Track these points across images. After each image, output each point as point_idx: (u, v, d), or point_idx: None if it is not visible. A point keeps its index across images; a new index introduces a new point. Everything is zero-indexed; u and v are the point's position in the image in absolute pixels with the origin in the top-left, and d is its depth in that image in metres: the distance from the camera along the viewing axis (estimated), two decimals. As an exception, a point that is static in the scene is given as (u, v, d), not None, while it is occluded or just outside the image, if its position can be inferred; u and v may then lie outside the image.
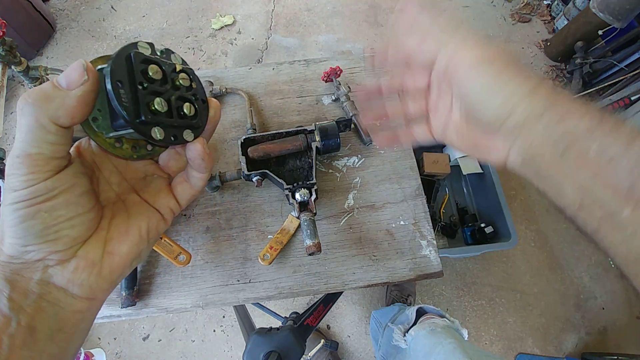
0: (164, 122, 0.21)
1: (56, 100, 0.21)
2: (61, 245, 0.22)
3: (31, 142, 0.21)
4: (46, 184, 0.21)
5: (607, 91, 1.53)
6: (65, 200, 0.22)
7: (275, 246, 0.58)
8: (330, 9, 1.87)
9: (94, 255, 0.23)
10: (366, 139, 0.66)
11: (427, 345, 0.62)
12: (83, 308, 0.23)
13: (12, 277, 0.21)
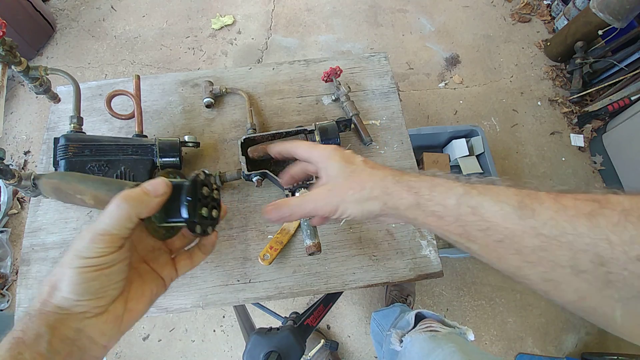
0: (203, 222, 0.32)
1: (144, 202, 0.29)
2: (103, 301, 0.28)
3: (116, 226, 0.27)
4: (113, 256, 0.27)
5: (607, 91, 1.53)
6: (119, 268, 0.28)
7: (275, 246, 0.58)
8: (330, 9, 1.87)
9: (119, 311, 0.29)
10: (366, 139, 0.66)
11: (425, 349, 0.62)
12: (100, 354, 0.28)
13: (55, 325, 0.26)
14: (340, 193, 0.33)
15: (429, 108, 1.62)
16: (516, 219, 0.25)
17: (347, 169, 0.34)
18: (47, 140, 0.69)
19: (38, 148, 1.54)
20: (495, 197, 0.27)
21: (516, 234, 0.25)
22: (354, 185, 0.33)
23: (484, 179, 0.29)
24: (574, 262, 0.23)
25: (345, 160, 0.34)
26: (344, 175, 0.34)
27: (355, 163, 0.34)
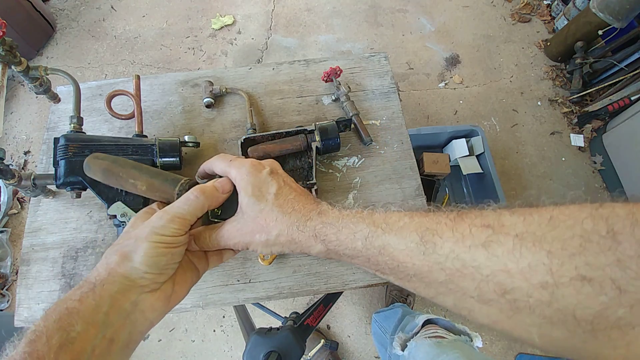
0: None
1: (214, 197, 0.33)
2: (163, 277, 0.31)
3: (191, 212, 0.31)
4: (181, 238, 0.31)
5: (607, 91, 1.53)
6: (180, 250, 0.32)
7: (275, 246, 0.58)
8: (330, 9, 1.87)
9: (169, 291, 0.32)
10: (366, 139, 0.66)
11: (429, 354, 0.61)
12: (146, 329, 0.31)
13: (116, 296, 0.28)
14: (249, 234, 0.33)
15: (429, 108, 1.62)
16: (420, 255, 0.25)
17: (256, 207, 0.33)
18: (47, 140, 0.69)
19: (38, 148, 1.54)
20: (400, 233, 0.27)
21: (423, 270, 0.25)
22: (260, 228, 0.32)
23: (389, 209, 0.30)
24: (479, 292, 0.23)
25: (256, 196, 0.33)
26: (252, 215, 0.33)
27: (266, 199, 0.32)
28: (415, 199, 0.64)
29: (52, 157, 0.54)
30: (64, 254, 0.60)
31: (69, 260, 0.60)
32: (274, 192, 0.33)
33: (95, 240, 0.61)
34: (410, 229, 0.26)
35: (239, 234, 0.34)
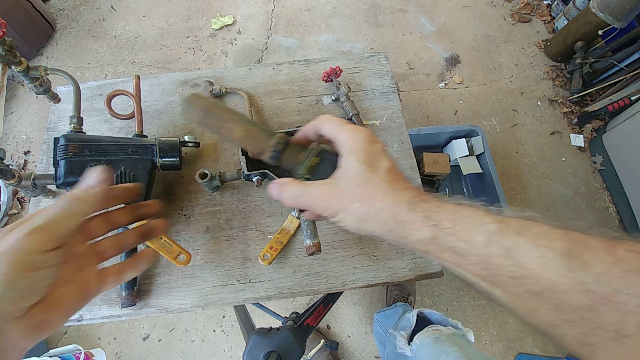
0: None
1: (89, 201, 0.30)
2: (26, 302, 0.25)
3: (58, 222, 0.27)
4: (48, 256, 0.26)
5: (607, 91, 1.53)
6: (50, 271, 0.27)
7: (275, 246, 0.58)
8: (330, 9, 1.87)
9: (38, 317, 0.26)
10: (366, 139, 0.66)
11: (431, 355, 0.62)
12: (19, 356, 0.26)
13: None
14: (346, 200, 0.28)
15: (429, 108, 1.62)
16: (562, 269, 0.21)
17: (364, 176, 0.28)
18: (47, 140, 0.69)
19: (38, 148, 1.54)
20: (537, 240, 0.22)
21: (559, 287, 0.21)
22: (362, 197, 0.28)
23: (519, 214, 0.25)
24: (620, 325, 0.19)
25: (368, 164, 0.29)
26: (358, 182, 0.28)
27: (377, 171, 0.28)
28: (415, 199, 0.64)
29: (52, 157, 0.54)
30: (64, 254, 0.60)
31: (69, 260, 0.60)
32: (387, 167, 0.29)
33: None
34: (553, 237, 0.22)
35: (333, 198, 0.29)
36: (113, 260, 0.35)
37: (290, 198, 0.32)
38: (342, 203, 0.29)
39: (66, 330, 1.26)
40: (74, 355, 1.10)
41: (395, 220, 0.27)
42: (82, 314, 0.56)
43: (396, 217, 0.27)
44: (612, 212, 1.46)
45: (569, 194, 1.48)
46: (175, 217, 0.62)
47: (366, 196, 0.28)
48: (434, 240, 0.25)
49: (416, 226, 0.26)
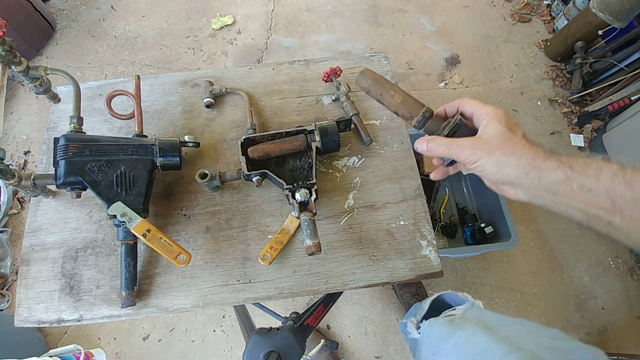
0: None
1: None
2: None
3: None
4: None
5: (607, 91, 1.53)
6: None
7: (275, 246, 0.58)
8: (330, 9, 1.87)
9: None
10: (366, 139, 0.66)
11: (444, 332, 0.60)
12: None
13: None
14: (489, 149, 0.36)
15: (429, 108, 1.62)
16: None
17: (506, 135, 0.36)
18: (47, 140, 0.69)
19: (38, 148, 1.54)
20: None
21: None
22: (505, 148, 0.35)
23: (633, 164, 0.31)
24: None
25: (508, 127, 0.37)
26: (501, 138, 0.36)
27: (516, 133, 0.37)
28: (415, 199, 0.64)
29: (52, 157, 0.54)
30: (64, 254, 0.60)
31: (69, 260, 0.60)
32: (523, 133, 0.37)
33: (95, 240, 0.61)
34: None
35: (479, 146, 0.37)
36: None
37: (439, 147, 0.40)
38: (485, 151, 0.36)
39: (66, 330, 1.26)
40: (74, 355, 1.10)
41: (532, 165, 0.34)
42: (82, 314, 0.56)
43: (534, 162, 0.34)
44: (612, 212, 1.46)
45: None
46: (175, 217, 0.62)
47: (508, 147, 0.35)
48: (566, 181, 0.32)
49: (551, 168, 0.33)
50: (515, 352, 0.43)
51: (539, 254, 1.37)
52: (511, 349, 0.44)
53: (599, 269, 1.36)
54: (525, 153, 0.34)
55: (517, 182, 0.35)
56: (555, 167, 0.33)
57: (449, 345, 0.56)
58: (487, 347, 0.47)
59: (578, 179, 0.31)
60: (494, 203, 1.18)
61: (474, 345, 0.50)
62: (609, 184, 0.30)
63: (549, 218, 1.43)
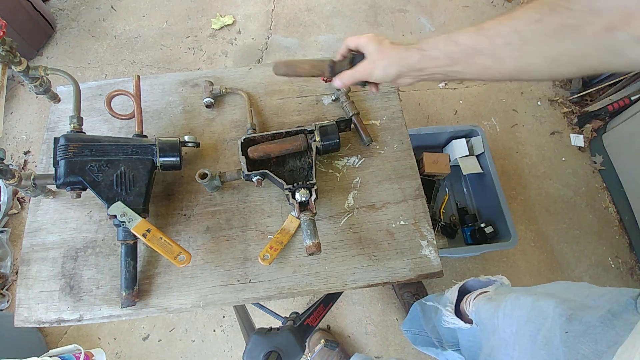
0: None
1: None
2: None
3: None
4: None
5: (607, 91, 1.53)
6: None
7: (275, 246, 0.58)
8: (330, 9, 1.87)
9: None
10: (366, 139, 0.66)
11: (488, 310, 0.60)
12: None
13: None
14: (374, 62, 0.50)
15: (429, 108, 1.62)
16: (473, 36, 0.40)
17: (379, 47, 0.50)
18: (47, 140, 0.69)
19: (38, 148, 1.54)
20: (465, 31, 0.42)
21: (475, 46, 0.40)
22: (382, 56, 0.49)
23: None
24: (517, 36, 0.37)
25: (378, 42, 0.50)
26: (377, 51, 0.50)
27: (384, 44, 0.50)
28: (416, 199, 0.64)
29: (52, 157, 0.54)
30: (64, 254, 0.60)
31: (69, 260, 0.60)
32: (389, 42, 0.50)
33: (95, 240, 0.61)
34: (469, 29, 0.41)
35: (368, 66, 0.51)
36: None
37: (348, 77, 0.54)
38: (372, 65, 0.50)
39: (66, 330, 1.26)
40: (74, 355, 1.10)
41: (401, 57, 0.47)
42: (82, 314, 0.56)
43: (400, 54, 0.47)
44: (612, 212, 1.46)
45: (569, 194, 1.48)
46: (175, 217, 0.62)
47: (383, 55, 0.49)
48: (422, 58, 0.45)
49: (411, 55, 0.46)
50: (564, 303, 0.45)
51: (539, 254, 1.37)
52: (559, 301, 0.46)
53: (599, 269, 1.36)
54: (393, 53, 0.48)
55: (399, 74, 0.48)
56: (413, 53, 0.46)
57: (499, 318, 0.56)
58: (536, 305, 0.49)
59: (429, 54, 0.44)
60: (494, 203, 1.18)
61: (523, 307, 0.52)
62: (445, 48, 0.43)
63: (548, 218, 1.43)
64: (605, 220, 1.44)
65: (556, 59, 0.36)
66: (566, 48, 0.34)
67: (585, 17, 0.32)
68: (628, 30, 0.30)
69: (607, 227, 1.43)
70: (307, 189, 0.56)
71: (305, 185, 0.57)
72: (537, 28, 0.35)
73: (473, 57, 0.41)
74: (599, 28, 0.31)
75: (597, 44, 0.32)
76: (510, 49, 0.38)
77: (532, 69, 0.38)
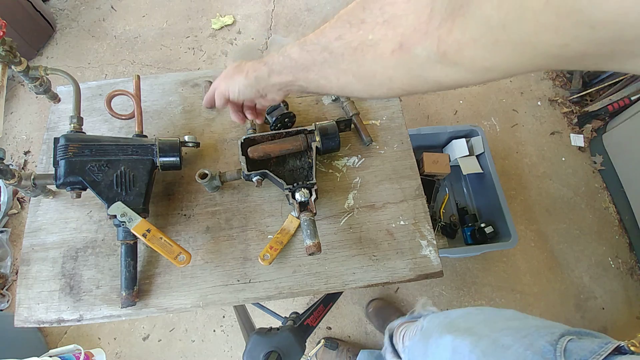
0: None
1: None
2: None
3: None
4: None
5: (607, 91, 1.53)
6: None
7: (275, 246, 0.58)
8: (330, 9, 1.87)
9: None
10: (366, 139, 0.66)
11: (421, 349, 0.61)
12: None
13: None
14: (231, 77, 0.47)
15: (429, 108, 1.62)
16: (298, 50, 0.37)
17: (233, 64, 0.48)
18: (47, 140, 0.69)
19: (38, 148, 1.54)
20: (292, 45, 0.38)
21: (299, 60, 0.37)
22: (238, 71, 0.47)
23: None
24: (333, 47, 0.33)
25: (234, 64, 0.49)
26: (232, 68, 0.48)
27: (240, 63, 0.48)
28: (415, 199, 0.64)
29: (52, 157, 0.54)
30: (64, 254, 0.60)
31: (69, 260, 0.60)
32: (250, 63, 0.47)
33: (95, 240, 0.61)
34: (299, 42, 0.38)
35: (225, 80, 0.48)
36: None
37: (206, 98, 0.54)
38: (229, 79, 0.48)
39: (66, 330, 1.26)
40: (74, 355, 1.10)
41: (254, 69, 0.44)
42: (82, 314, 0.56)
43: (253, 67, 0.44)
44: (612, 212, 1.46)
45: (569, 194, 1.48)
46: (175, 217, 0.62)
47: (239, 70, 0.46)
48: (271, 72, 0.42)
49: (259, 68, 0.43)
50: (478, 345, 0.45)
51: (539, 254, 1.37)
52: (474, 341, 0.46)
53: (599, 269, 1.36)
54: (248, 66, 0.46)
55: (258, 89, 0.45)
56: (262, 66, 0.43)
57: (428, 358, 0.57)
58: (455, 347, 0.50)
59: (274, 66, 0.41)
60: (494, 203, 1.18)
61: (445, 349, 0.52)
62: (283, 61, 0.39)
63: (549, 218, 1.43)
64: (605, 220, 1.44)
65: (365, 78, 0.31)
66: (369, 68, 0.30)
67: (380, 30, 0.27)
68: (424, 45, 0.24)
69: (607, 227, 1.43)
70: (307, 189, 0.56)
71: (305, 185, 0.57)
72: (341, 45, 0.31)
73: (305, 72, 0.37)
74: (395, 44, 0.26)
75: (397, 64, 0.27)
76: (329, 67, 0.34)
77: (351, 88, 0.34)
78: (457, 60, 0.22)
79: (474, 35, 0.20)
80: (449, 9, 0.21)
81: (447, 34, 0.21)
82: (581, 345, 0.38)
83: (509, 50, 0.19)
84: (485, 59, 0.21)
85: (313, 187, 0.57)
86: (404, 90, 0.30)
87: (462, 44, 0.21)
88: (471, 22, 0.20)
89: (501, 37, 0.19)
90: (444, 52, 0.22)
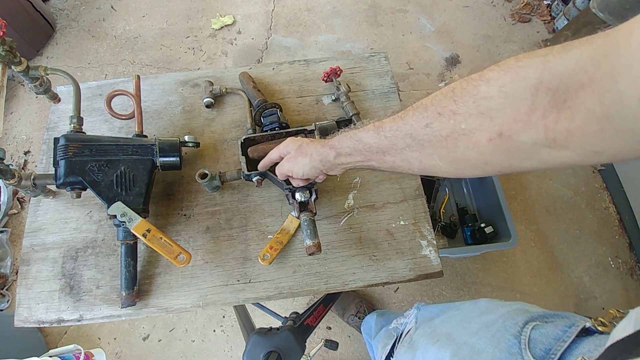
0: None
1: None
2: None
3: None
4: None
5: (607, 91, 1.53)
6: None
7: (275, 246, 0.58)
8: (330, 9, 1.87)
9: None
10: (366, 139, 0.66)
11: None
12: None
13: None
14: (294, 159, 0.49)
15: (429, 108, 1.62)
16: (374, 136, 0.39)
17: (297, 145, 0.49)
18: (47, 140, 0.69)
19: (38, 148, 1.54)
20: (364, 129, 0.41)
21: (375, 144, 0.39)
22: (302, 154, 0.48)
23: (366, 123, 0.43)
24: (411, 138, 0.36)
25: (294, 142, 0.50)
26: (295, 149, 0.49)
27: (301, 141, 0.49)
28: (415, 199, 0.64)
29: (52, 157, 0.54)
30: (64, 254, 0.60)
31: (69, 260, 0.60)
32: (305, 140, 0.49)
33: (95, 240, 0.61)
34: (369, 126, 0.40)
35: (288, 163, 0.49)
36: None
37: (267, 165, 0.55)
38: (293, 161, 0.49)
39: (66, 330, 1.26)
40: (74, 355, 1.10)
41: (319, 153, 0.46)
42: (82, 314, 0.56)
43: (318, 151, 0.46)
44: (612, 212, 1.46)
45: (569, 194, 1.48)
46: (175, 217, 0.62)
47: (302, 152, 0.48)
48: (338, 155, 0.44)
49: (327, 152, 0.45)
50: (458, 352, 0.46)
51: (539, 254, 1.37)
52: (454, 351, 0.47)
53: (599, 269, 1.36)
54: (312, 149, 0.47)
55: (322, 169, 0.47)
56: (328, 150, 0.45)
57: None
58: (439, 359, 0.50)
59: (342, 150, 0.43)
60: (494, 203, 1.18)
61: None
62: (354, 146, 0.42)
63: (548, 218, 1.43)
64: (605, 220, 1.44)
65: (457, 162, 0.33)
66: (462, 154, 0.31)
67: (475, 121, 0.28)
68: (529, 133, 0.26)
69: (607, 227, 1.43)
70: (307, 189, 0.56)
71: (308, 186, 0.57)
72: (428, 132, 0.33)
73: (381, 155, 0.39)
74: (493, 133, 0.28)
75: (495, 150, 0.28)
76: (411, 151, 0.36)
77: (437, 170, 0.35)
78: (568, 145, 0.24)
79: (580, 125, 0.23)
80: (552, 102, 0.24)
81: (555, 124, 0.24)
82: (545, 331, 0.40)
83: (613, 137, 0.22)
84: (594, 144, 0.23)
85: (313, 187, 0.57)
86: (500, 171, 0.31)
87: (571, 131, 0.23)
88: (577, 114, 0.23)
89: (606, 127, 0.22)
90: (553, 138, 0.25)
